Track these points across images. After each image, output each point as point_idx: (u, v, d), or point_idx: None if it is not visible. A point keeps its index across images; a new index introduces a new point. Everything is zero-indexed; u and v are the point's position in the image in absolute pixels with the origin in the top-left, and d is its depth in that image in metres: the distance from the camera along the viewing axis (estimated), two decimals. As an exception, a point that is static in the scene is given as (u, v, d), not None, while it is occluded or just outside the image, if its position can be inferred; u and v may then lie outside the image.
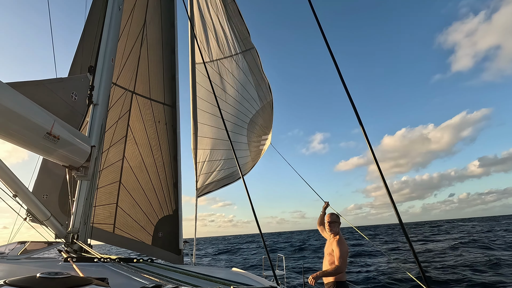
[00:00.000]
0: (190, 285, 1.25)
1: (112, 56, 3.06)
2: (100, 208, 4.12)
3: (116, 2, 3.18)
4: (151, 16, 4.67)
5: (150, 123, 4.60)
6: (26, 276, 0.84)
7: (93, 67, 2.90)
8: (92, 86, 2.83)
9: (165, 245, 4.41)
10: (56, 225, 2.49)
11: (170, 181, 4.60)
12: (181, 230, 4.52)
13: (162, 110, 4.73)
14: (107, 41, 3.03)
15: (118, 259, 1.84)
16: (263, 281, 1.77)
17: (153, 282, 1.21)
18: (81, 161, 2.53)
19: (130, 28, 4.39)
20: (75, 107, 2.60)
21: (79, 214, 2.58)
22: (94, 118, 2.83)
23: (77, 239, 2.52)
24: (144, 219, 4.37)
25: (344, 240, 3.36)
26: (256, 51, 6.36)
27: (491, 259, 11.78)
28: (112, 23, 3.10)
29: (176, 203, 4.58)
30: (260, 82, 6.51)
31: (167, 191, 4.56)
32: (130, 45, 4.44)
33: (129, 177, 4.35)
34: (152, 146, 4.57)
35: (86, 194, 2.62)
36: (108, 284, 1.00)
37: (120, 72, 4.32)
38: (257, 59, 6.39)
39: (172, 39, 4.91)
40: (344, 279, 3.26)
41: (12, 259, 2.26)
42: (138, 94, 4.53)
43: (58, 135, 2.10)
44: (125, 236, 4.23)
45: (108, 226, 4.15)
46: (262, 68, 6.47)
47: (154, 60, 4.73)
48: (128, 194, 4.32)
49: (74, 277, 0.88)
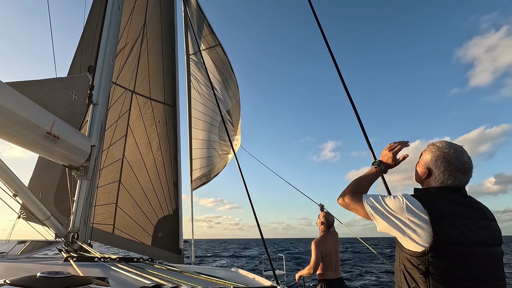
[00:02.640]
0: (190, 285, 1.25)
1: (112, 55, 3.05)
2: (100, 208, 4.11)
3: (116, 2, 3.18)
4: (151, 16, 4.67)
5: (150, 122, 4.60)
6: (27, 276, 0.84)
7: (93, 67, 2.89)
8: (92, 86, 2.82)
9: (165, 245, 4.41)
10: (56, 224, 2.48)
11: (170, 181, 4.60)
12: (181, 229, 4.51)
13: (162, 110, 4.73)
14: (107, 40, 3.02)
15: (118, 259, 1.84)
16: (263, 281, 1.77)
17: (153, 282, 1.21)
18: (81, 160, 2.52)
19: (130, 27, 4.39)
20: (75, 107, 2.59)
21: (79, 214, 2.58)
22: (94, 117, 2.83)
23: (77, 238, 2.52)
24: (143, 219, 4.37)
25: (320, 240, 3.53)
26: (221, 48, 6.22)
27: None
28: (112, 23, 3.10)
29: (177, 202, 4.58)
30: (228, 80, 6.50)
31: (167, 191, 4.56)
32: (130, 45, 4.44)
33: (129, 177, 4.34)
34: (152, 146, 4.56)
35: (86, 193, 2.62)
36: (108, 284, 0.99)
37: (120, 71, 4.31)
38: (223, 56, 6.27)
39: (172, 39, 4.91)
40: (328, 277, 3.46)
41: (12, 258, 2.26)
42: (138, 94, 4.53)
43: (58, 134, 2.09)
44: (124, 237, 4.23)
45: (107, 226, 4.14)
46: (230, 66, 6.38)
47: (154, 60, 4.73)
48: (128, 194, 4.31)
49: (74, 276, 0.88)
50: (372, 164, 1.41)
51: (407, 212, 1.09)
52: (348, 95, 1.78)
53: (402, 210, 1.10)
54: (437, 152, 1.19)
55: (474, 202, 1.15)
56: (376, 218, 1.17)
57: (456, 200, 1.11)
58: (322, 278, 3.47)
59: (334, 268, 3.48)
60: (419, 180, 1.28)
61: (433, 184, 1.19)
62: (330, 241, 3.53)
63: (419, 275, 1.05)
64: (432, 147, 1.23)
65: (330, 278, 3.44)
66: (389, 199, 1.16)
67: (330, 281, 3.45)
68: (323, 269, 3.45)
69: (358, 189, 1.31)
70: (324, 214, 3.75)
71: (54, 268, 1.59)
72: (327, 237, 3.56)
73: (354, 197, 1.27)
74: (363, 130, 1.68)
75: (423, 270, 1.04)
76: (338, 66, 1.86)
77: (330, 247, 3.49)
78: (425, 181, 1.24)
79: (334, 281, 3.46)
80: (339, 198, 1.34)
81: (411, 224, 1.07)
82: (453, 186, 1.15)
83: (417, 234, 1.05)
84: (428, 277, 1.03)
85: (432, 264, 1.02)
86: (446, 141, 1.22)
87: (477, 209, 1.12)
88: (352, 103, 1.75)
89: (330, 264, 3.46)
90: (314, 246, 3.45)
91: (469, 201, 1.14)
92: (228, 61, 6.34)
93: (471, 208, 1.11)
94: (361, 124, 1.69)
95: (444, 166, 1.16)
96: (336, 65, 1.88)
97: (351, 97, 1.76)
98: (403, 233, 1.10)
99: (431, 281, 1.02)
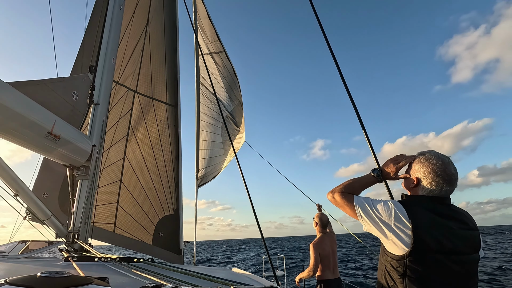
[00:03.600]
0: (191, 284, 1.25)
1: (113, 55, 3.06)
2: (101, 208, 4.12)
3: (117, 2, 3.18)
4: (153, 16, 4.67)
5: (151, 122, 4.60)
6: (27, 275, 0.83)
7: (94, 67, 2.90)
8: (93, 86, 2.83)
9: (166, 245, 4.42)
10: (57, 224, 2.49)
11: (171, 181, 4.60)
12: (181, 230, 4.52)
13: (164, 110, 4.73)
14: (108, 40, 3.03)
15: (118, 259, 1.84)
16: (263, 281, 1.76)
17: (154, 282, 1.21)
18: (82, 160, 2.53)
19: (132, 27, 4.39)
20: (76, 107, 2.60)
21: (79, 214, 2.58)
22: (95, 117, 2.83)
23: (77, 238, 2.53)
24: (144, 218, 4.37)
25: (318, 242, 3.55)
26: (226, 54, 6.48)
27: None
28: (113, 23, 3.10)
29: (177, 202, 4.58)
30: (231, 84, 6.69)
31: (168, 191, 4.56)
32: (132, 44, 4.44)
33: (130, 177, 4.35)
34: (153, 146, 4.57)
35: (87, 193, 2.63)
36: (109, 284, 0.99)
37: (123, 71, 4.32)
38: (226, 61, 6.52)
39: (174, 39, 4.91)
40: (327, 277, 3.48)
41: (12, 258, 2.26)
42: (140, 94, 4.53)
43: (59, 134, 2.10)
44: (125, 236, 4.23)
45: (108, 225, 4.15)
46: (233, 70, 6.62)
47: (157, 60, 4.73)
48: (129, 194, 4.32)
49: (75, 276, 0.88)
50: (372, 171, 1.42)
51: (394, 219, 1.17)
52: (350, 97, 1.78)
53: (390, 216, 1.18)
54: (425, 163, 1.27)
55: (456, 212, 1.23)
56: (364, 219, 1.25)
57: (439, 210, 1.20)
58: (320, 279, 3.51)
59: (332, 269, 3.54)
60: (407, 187, 1.35)
61: (421, 193, 1.28)
62: (327, 242, 3.59)
63: (397, 276, 1.15)
64: (421, 157, 1.31)
65: (328, 279, 3.49)
66: (379, 204, 1.23)
67: (329, 282, 3.49)
68: (321, 270, 3.49)
69: (350, 190, 1.36)
70: (318, 215, 3.82)
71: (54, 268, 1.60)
72: (324, 239, 3.62)
73: (344, 196, 1.32)
74: (364, 131, 1.67)
75: (401, 272, 1.14)
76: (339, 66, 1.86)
77: (328, 249, 3.54)
78: (413, 189, 1.32)
79: (332, 281, 3.50)
80: (329, 194, 1.39)
81: (396, 230, 1.16)
82: (439, 196, 1.24)
83: (400, 239, 1.14)
84: (405, 279, 1.13)
85: (409, 268, 1.12)
86: (435, 152, 1.30)
87: (457, 219, 1.20)
88: (354, 106, 1.74)
89: (328, 265, 3.51)
90: (313, 248, 3.49)
91: (451, 212, 1.23)
92: (232, 66, 6.54)
93: (451, 219, 1.19)
94: (363, 126, 1.69)
95: (432, 177, 1.24)
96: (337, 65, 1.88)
97: (353, 99, 1.76)
98: (387, 237, 1.18)
99: (408, 282, 1.12)
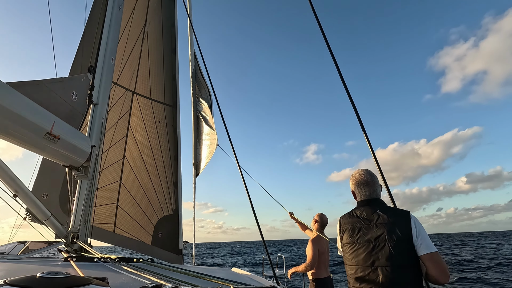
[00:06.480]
0: (190, 285, 1.25)
1: (112, 56, 3.05)
2: (101, 208, 4.12)
3: (116, 2, 3.18)
4: (151, 17, 4.67)
5: (150, 123, 4.60)
6: (26, 276, 0.83)
7: (93, 67, 2.90)
8: (92, 86, 2.82)
9: (165, 245, 4.42)
10: (56, 225, 2.49)
11: (170, 181, 4.60)
12: (181, 230, 4.52)
13: (163, 110, 4.73)
14: (107, 41, 3.02)
15: (118, 259, 1.84)
16: (263, 281, 1.77)
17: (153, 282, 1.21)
18: (81, 161, 2.52)
19: (131, 28, 4.39)
20: (75, 107, 2.60)
21: (79, 214, 2.58)
22: (94, 118, 2.82)
23: (77, 238, 2.52)
24: (144, 218, 4.37)
25: (316, 239, 3.63)
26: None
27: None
28: (112, 23, 3.10)
29: (176, 203, 4.58)
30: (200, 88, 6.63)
31: (167, 191, 4.56)
32: (131, 45, 4.44)
33: (130, 177, 4.35)
34: (152, 146, 4.57)
35: (86, 194, 2.62)
36: (108, 284, 0.99)
37: (121, 72, 4.32)
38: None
39: (173, 39, 4.91)
40: (322, 275, 3.56)
41: (12, 258, 2.26)
42: (139, 94, 4.53)
43: (58, 135, 2.09)
44: (125, 236, 4.23)
45: (108, 225, 4.15)
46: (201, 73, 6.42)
47: (155, 60, 4.73)
48: (129, 194, 4.32)
49: (74, 276, 0.88)
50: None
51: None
52: (350, 98, 1.78)
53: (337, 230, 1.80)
54: (351, 178, 1.76)
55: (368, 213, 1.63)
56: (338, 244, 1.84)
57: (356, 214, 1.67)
58: (316, 276, 3.57)
59: (326, 267, 3.63)
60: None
61: (358, 200, 1.73)
62: (324, 241, 3.67)
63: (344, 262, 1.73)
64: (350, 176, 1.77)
65: (323, 277, 3.57)
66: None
67: (323, 280, 3.57)
68: (317, 268, 3.56)
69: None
70: (319, 214, 3.86)
71: (54, 268, 1.59)
72: (322, 237, 3.68)
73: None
74: (364, 131, 1.68)
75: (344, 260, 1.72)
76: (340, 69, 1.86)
77: (324, 247, 3.63)
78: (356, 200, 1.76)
79: (326, 279, 3.60)
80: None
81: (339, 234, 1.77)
82: (366, 199, 1.68)
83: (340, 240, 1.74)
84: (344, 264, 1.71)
85: (343, 257, 1.71)
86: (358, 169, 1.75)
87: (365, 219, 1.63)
88: (354, 106, 1.75)
89: (324, 262, 3.60)
90: (312, 244, 3.55)
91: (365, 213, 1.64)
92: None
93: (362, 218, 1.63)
94: (362, 126, 1.69)
95: (354, 185, 1.73)
96: (337, 67, 1.88)
97: (352, 99, 1.76)
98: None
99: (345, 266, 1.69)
